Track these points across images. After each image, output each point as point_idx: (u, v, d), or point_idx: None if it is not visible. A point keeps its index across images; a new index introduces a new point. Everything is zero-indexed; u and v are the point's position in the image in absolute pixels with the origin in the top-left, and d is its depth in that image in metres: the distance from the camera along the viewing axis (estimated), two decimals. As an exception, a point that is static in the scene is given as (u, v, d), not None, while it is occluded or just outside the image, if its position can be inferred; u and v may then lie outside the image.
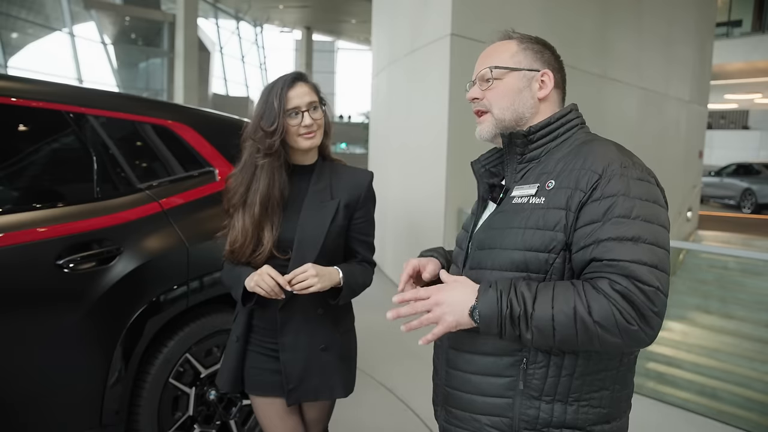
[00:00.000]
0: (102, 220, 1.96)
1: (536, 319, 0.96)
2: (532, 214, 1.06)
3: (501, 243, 1.09)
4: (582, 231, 1.00)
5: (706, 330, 4.09)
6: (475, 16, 4.77)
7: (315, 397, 1.68)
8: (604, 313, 0.94)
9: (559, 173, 1.07)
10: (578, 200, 1.01)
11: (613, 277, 0.95)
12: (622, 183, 1.00)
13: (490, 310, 0.99)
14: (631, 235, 0.96)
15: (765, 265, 4.16)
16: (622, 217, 0.98)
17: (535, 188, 1.09)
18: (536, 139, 1.14)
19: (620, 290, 0.94)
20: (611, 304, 0.94)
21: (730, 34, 19.08)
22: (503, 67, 1.16)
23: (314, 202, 1.62)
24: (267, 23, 28.22)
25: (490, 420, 1.11)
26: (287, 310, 1.62)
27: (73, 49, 17.55)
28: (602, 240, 0.97)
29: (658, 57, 7.40)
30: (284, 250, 1.59)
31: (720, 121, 21.68)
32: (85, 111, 2.06)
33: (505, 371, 1.09)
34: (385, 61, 6.78)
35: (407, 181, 5.66)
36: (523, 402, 1.07)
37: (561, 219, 1.02)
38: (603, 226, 0.98)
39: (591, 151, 1.07)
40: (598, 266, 0.97)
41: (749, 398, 3.22)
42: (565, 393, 1.06)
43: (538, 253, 1.04)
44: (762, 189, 13.90)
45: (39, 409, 1.83)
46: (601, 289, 0.95)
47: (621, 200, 0.98)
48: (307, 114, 1.57)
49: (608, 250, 0.96)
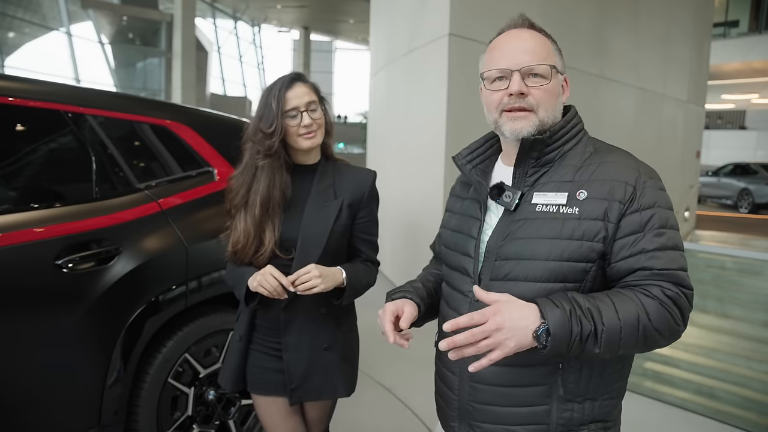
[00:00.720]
0: (101, 220, 1.96)
1: (606, 333, 0.96)
2: (566, 224, 1.05)
3: (533, 253, 1.06)
4: (623, 241, 1.03)
5: (704, 329, 4.10)
6: (473, 16, 4.77)
7: (317, 396, 1.68)
8: (662, 318, 0.99)
9: (587, 182, 1.06)
10: (618, 212, 1.03)
11: (664, 284, 1.00)
12: (654, 195, 1.05)
13: (563, 330, 0.95)
14: (672, 245, 1.03)
15: (762, 265, 4.17)
16: (661, 227, 1.03)
17: (564, 197, 1.06)
18: (552, 141, 1.11)
19: (672, 296, 1.00)
20: (666, 310, 0.99)
21: (727, 35, 19.15)
22: (559, 69, 1.13)
23: (317, 201, 1.62)
24: (265, 23, 28.20)
25: (527, 429, 1.10)
26: (290, 310, 1.62)
27: (70, 48, 17.53)
28: (649, 250, 1.02)
29: (656, 57, 7.41)
30: (287, 250, 1.60)
31: (717, 121, 21.73)
32: (83, 111, 2.06)
33: (542, 380, 1.08)
34: (383, 61, 6.78)
35: (405, 180, 5.66)
36: (560, 406, 1.08)
37: (600, 230, 1.03)
38: (645, 236, 1.02)
39: (616, 162, 1.08)
40: (647, 275, 1.01)
41: (747, 397, 3.23)
42: (595, 390, 1.10)
43: (577, 263, 1.04)
44: (759, 189, 13.94)
45: (38, 409, 1.83)
46: (656, 296, 0.99)
47: (658, 212, 1.04)
48: (306, 114, 1.57)
49: (657, 260, 1.01)
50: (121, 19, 20.80)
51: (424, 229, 5.12)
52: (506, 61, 1.10)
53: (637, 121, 7.11)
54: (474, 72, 1.18)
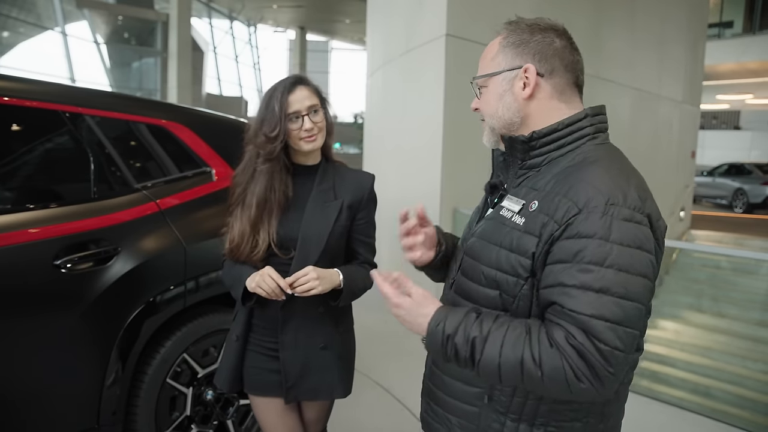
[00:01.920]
0: (99, 220, 1.96)
1: (482, 364, 0.95)
2: (510, 233, 1.01)
3: (480, 256, 1.07)
4: (549, 269, 0.94)
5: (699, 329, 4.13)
6: (470, 17, 4.78)
7: (314, 396, 1.69)
8: (554, 367, 0.89)
9: (546, 194, 0.99)
10: (550, 232, 0.94)
11: (570, 329, 0.89)
12: (602, 223, 0.90)
13: (435, 347, 1.01)
14: (598, 287, 0.88)
15: (756, 264, 4.20)
16: (592, 263, 0.89)
17: (520, 205, 1.03)
18: (538, 146, 1.04)
19: (575, 345, 0.88)
20: (563, 359, 0.88)
21: (721, 35, 19.21)
22: (482, 75, 1.11)
23: (318, 201, 1.63)
24: (261, 23, 28.15)
25: (459, 422, 1.13)
26: (288, 309, 1.62)
27: (65, 48, 17.45)
28: (567, 285, 0.90)
29: (651, 57, 7.44)
30: (287, 249, 1.60)
31: (712, 122, 21.83)
32: (82, 111, 2.05)
33: (476, 381, 1.08)
34: (379, 62, 6.78)
35: (402, 181, 5.67)
36: (489, 415, 1.07)
37: (531, 246, 0.97)
38: (570, 269, 0.90)
39: (582, 177, 0.96)
40: (558, 312, 0.91)
41: (741, 396, 3.26)
42: (532, 415, 1.03)
43: (508, 276, 1.00)
44: (753, 189, 14.02)
45: (36, 409, 1.83)
46: (555, 341, 0.89)
47: (595, 244, 0.89)
48: (307, 118, 1.58)
49: (570, 298, 0.89)
50: (117, 18, 20.73)
51: (421, 229, 5.12)
52: None
53: (633, 122, 7.13)
54: (471, 72, 1.19)
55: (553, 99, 1.06)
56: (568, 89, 1.07)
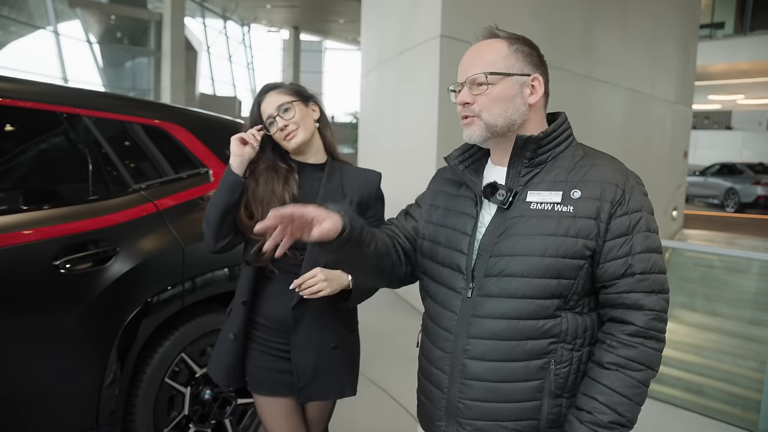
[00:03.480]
0: (98, 221, 1.96)
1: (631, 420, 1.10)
2: (561, 221, 1.08)
3: (528, 250, 1.09)
4: (612, 243, 1.08)
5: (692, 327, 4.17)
6: (465, 18, 4.80)
7: (325, 396, 1.70)
8: (654, 358, 1.09)
9: (580, 182, 1.10)
10: (608, 211, 1.08)
11: (647, 302, 1.08)
12: (640, 199, 1.10)
13: None
14: (654, 248, 1.09)
15: (748, 263, 4.25)
16: (646, 231, 1.09)
17: (559, 196, 1.10)
18: (545, 143, 1.14)
19: (655, 317, 1.08)
20: (646, 344, 1.09)
21: (713, 36, 19.33)
22: (499, 72, 1.14)
23: (326, 200, 1.63)
24: (254, 23, 28.08)
25: (518, 425, 1.11)
26: (299, 310, 1.63)
27: (57, 47, 17.35)
28: (636, 253, 1.07)
29: (644, 58, 7.49)
30: (297, 249, 1.59)
31: (704, 122, 21.96)
32: (79, 112, 2.06)
33: (536, 374, 1.10)
34: (374, 62, 6.79)
35: (397, 181, 5.68)
36: (550, 402, 1.11)
37: (593, 228, 1.07)
38: (631, 239, 1.07)
39: (606, 165, 1.13)
40: (630, 284, 1.08)
41: (733, 393, 3.30)
42: (573, 389, 1.13)
43: (572, 260, 1.07)
44: (744, 188, 14.12)
45: (35, 409, 1.83)
46: (639, 331, 1.08)
47: (645, 216, 1.09)
48: (278, 118, 1.62)
49: (639, 265, 1.07)
50: (110, 18, 20.62)
51: (416, 229, 5.15)
52: (460, 74, 1.21)
53: (626, 122, 7.18)
54: None
55: (542, 109, 1.20)
56: (546, 104, 1.21)
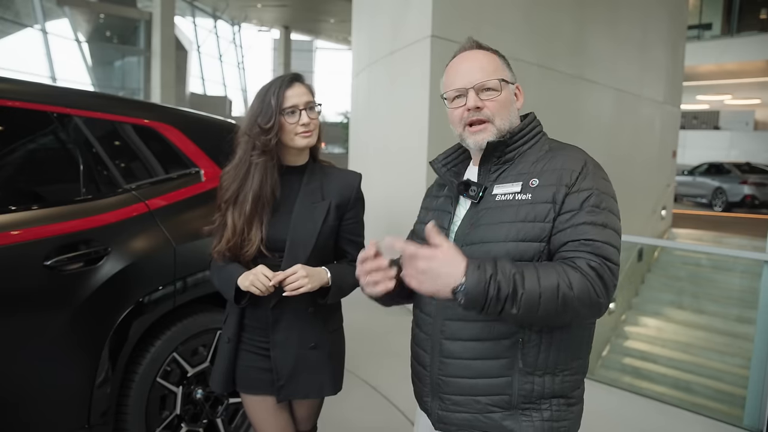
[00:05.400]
0: (89, 221, 1.96)
1: (525, 296, 1.04)
2: (521, 208, 1.16)
3: (494, 237, 1.17)
4: (562, 217, 1.14)
5: (680, 325, 4.21)
6: (455, 18, 4.83)
7: (305, 395, 1.71)
8: (583, 288, 1.06)
9: (540, 173, 1.19)
10: (563, 193, 1.14)
11: (588, 256, 1.09)
12: (594, 180, 1.16)
13: (477, 290, 1.03)
14: (602, 222, 1.13)
15: (735, 262, 4.31)
16: (595, 206, 1.13)
17: (519, 186, 1.19)
18: (513, 142, 1.25)
19: (595, 267, 1.08)
20: (587, 280, 1.06)
21: (701, 37, 19.51)
22: (508, 80, 1.27)
23: (306, 202, 1.65)
24: (245, 22, 27.97)
25: (491, 399, 1.19)
26: (279, 308, 1.64)
27: (45, 46, 17.19)
28: (580, 224, 1.12)
29: (633, 59, 7.56)
30: (276, 250, 1.62)
31: (692, 122, 22.13)
32: (70, 112, 2.06)
33: (504, 353, 1.18)
34: (365, 62, 6.80)
35: (388, 181, 5.70)
36: (520, 378, 1.18)
37: (549, 211, 1.14)
38: (579, 212, 1.13)
39: (568, 154, 1.21)
40: (575, 245, 1.11)
41: (720, 390, 3.35)
42: (554, 365, 1.18)
43: (533, 243, 1.14)
44: (732, 188, 14.26)
45: (27, 409, 1.83)
46: (579, 267, 1.07)
47: (595, 193, 1.14)
48: (304, 113, 1.60)
49: (585, 232, 1.11)
50: (98, 16, 20.47)
51: (407, 231, 5.17)
52: (461, 80, 1.27)
53: (615, 122, 7.24)
54: None
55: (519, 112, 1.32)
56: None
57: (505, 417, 1.19)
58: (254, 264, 1.60)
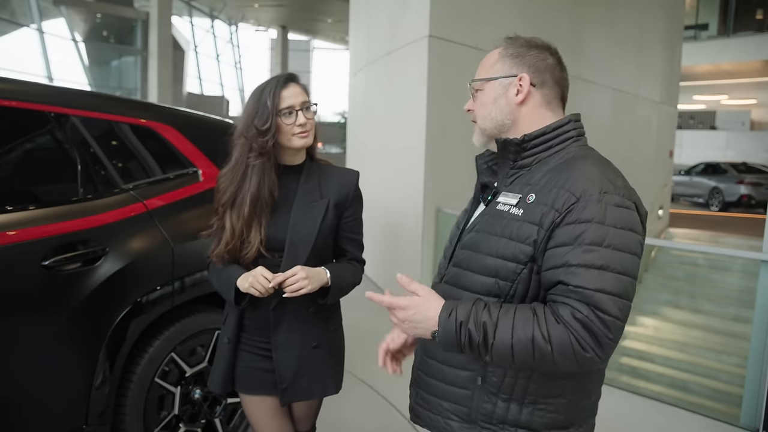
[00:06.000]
0: (87, 221, 1.96)
1: (496, 347, 1.01)
2: (509, 223, 1.10)
3: (479, 247, 1.14)
4: (552, 252, 1.03)
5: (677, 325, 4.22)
6: (453, 18, 4.83)
7: (308, 396, 1.70)
8: (562, 342, 0.98)
9: (541, 188, 1.08)
10: (551, 219, 1.03)
11: (575, 304, 0.98)
12: (598, 209, 1.01)
13: (449, 338, 1.05)
14: (599, 264, 0.98)
15: (731, 261, 4.32)
16: (593, 244, 0.99)
17: (516, 198, 1.11)
18: (529, 147, 1.15)
19: (581, 318, 0.97)
20: (570, 333, 0.98)
21: (697, 37, 19.57)
22: (479, 79, 1.21)
23: (304, 201, 1.64)
24: (242, 22, 27.93)
25: (452, 407, 1.19)
26: (280, 309, 1.63)
27: (42, 46, 17.14)
28: (571, 265, 1.00)
29: (630, 59, 7.58)
30: (275, 250, 1.61)
31: (689, 122, 22.17)
32: (68, 112, 2.05)
33: (469, 365, 1.15)
34: (362, 62, 6.80)
35: (385, 181, 5.70)
36: (480, 396, 1.14)
37: (533, 234, 1.05)
38: (573, 250, 1.00)
39: (574, 171, 1.07)
40: (564, 290, 1.00)
41: (716, 389, 3.36)
42: (522, 394, 1.11)
43: (508, 262, 1.08)
44: (728, 188, 14.31)
45: (24, 409, 1.83)
46: (562, 318, 0.98)
47: (594, 227, 1.00)
48: (301, 113, 1.59)
49: (575, 276, 0.99)
50: (95, 16, 20.41)
51: (405, 229, 5.17)
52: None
53: (613, 122, 7.26)
54: (453, 73, 1.26)
55: (541, 107, 1.18)
56: (555, 101, 1.19)
57: (463, 428, 1.17)
58: (254, 265, 1.60)
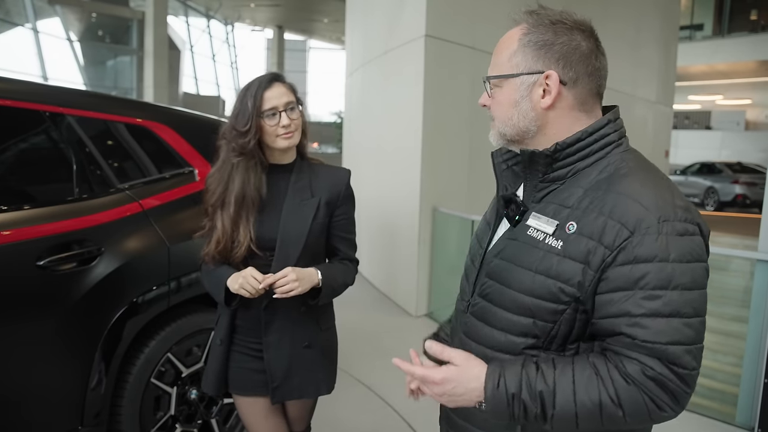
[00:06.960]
0: (82, 221, 1.95)
1: (557, 417, 0.87)
2: (546, 257, 0.92)
3: (509, 282, 0.96)
4: (608, 297, 0.87)
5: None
6: (450, 18, 4.83)
7: (300, 395, 1.70)
8: (635, 404, 0.85)
9: (582, 213, 0.90)
10: (601, 258, 0.87)
11: (645, 360, 0.85)
12: (659, 244, 0.84)
13: (500, 411, 0.90)
14: (668, 312, 0.84)
15: (727, 261, 4.32)
16: (657, 288, 0.84)
17: (553, 226, 0.93)
18: (562, 157, 0.95)
19: (653, 377, 0.84)
20: (642, 393, 0.85)
21: (692, 38, 19.63)
22: (497, 76, 0.99)
23: (295, 200, 1.63)
24: (238, 22, 27.89)
25: None
26: (271, 309, 1.63)
27: (36, 45, 17.07)
28: (635, 315, 0.85)
29: (626, 59, 7.59)
30: (266, 249, 1.60)
31: (684, 122, 22.24)
32: (63, 111, 2.04)
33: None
34: (359, 62, 6.80)
35: (382, 181, 5.70)
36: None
37: (577, 274, 0.89)
38: (634, 296, 0.85)
39: (623, 194, 0.88)
40: (628, 344, 0.86)
41: (711, 388, 3.36)
42: None
43: (546, 303, 0.92)
44: (724, 187, 14.36)
45: (18, 410, 1.82)
46: (631, 376, 0.85)
47: (657, 268, 0.84)
48: (284, 114, 1.58)
49: (641, 329, 0.84)
50: (90, 15, 20.35)
51: (401, 228, 5.17)
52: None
53: (608, 122, 7.27)
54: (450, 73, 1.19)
55: (574, 109, 0.97)
56: (590, 99, 0.98)
57: None
58: (245, 264, 1.59)
